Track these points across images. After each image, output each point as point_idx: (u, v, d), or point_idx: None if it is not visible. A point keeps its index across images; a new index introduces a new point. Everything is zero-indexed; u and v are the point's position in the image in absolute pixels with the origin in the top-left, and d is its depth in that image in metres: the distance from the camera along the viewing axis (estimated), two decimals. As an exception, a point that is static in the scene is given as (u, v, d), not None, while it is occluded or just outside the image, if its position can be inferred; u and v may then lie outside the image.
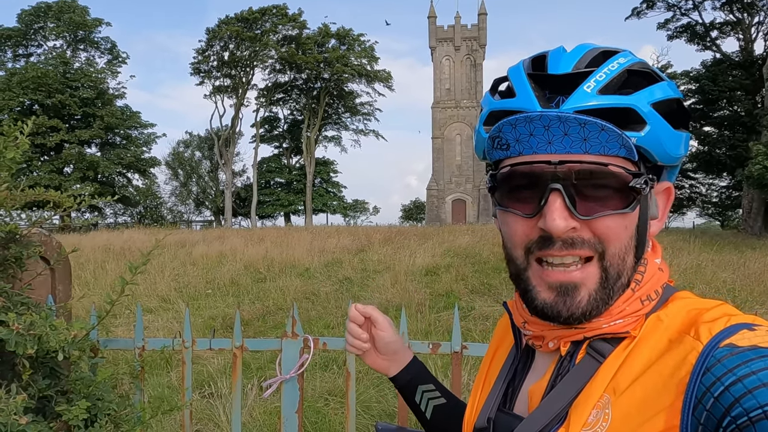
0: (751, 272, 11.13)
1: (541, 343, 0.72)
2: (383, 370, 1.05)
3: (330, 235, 20.49)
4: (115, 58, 45.20)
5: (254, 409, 4.50)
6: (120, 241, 18.79)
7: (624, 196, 0.63)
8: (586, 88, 0.63)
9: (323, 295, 10.61)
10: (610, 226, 0.63)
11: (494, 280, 11.37)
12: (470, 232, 20.75)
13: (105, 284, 11.03)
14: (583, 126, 0.61)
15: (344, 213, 57.62)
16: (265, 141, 55.18)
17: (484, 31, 50.00)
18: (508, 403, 0.76)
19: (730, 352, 0.54)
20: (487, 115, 0.71)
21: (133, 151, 44.02)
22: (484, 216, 46.97)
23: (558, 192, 0.62)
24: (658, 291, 0.68)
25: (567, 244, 0.63)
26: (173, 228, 34.02)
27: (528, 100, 0.65)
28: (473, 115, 49.68)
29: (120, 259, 14.31)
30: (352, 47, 49.93)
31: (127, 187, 45.86)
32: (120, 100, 45.14)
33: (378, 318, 1.04)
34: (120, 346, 2.51)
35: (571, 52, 0.67)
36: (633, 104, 0.62)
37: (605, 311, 0.65)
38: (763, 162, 21.47)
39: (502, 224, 0.71)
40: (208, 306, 10.03)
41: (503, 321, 0.91)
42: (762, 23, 33.87)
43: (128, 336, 7.37)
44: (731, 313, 0.60)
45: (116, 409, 2.04)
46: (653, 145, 0.64)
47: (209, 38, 46.93)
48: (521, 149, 0.64)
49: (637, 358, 0.62)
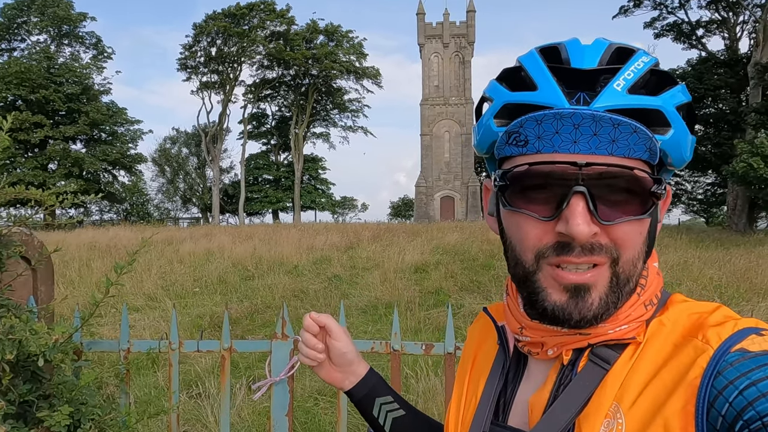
0: (737, 269, 11.25)
1: (539, 351, 0.68)
2: (338, 384, 0.98)
3: (318, 233, 20.42)
4: (101, 54, 44.64)
5: (243, 409, 4.45)
6: (106, 239, 18.58)
7: (643, 202, 0.61)
8: (616, 86, 0.59)
9: (312, 293, 10.56)
10: (627, 232, 0.61)
11: (483, 277, 11.39)
12: (459, 229, 20.77)
13: (90, 282, 10.89)
14: (616, 127, 0.58)
15: (333, 210, 57.59)
16: (252, 137, 54.89)
17: (472, 28, 50.00)
18: (501, 415, 0.72)
19: (743, 356, 0.54)
20: (500, 108, 0.65)
21: (119, 148, 43.54)
22: (473, 213, 47.08)
23: (581, 195, 0.58)
24: (658, 295, 0.67)
25: (586, 250, 0.60)
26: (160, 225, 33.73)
27: (554, 95, 0.60)
28: (462, 112, 49.72)
29: (106, 256, 14.14)
30: (340, 44, 49.76)
31: (112, 183, 45.38)
32: (106, 96, 44.59)
33: (333, 327, 0.96)
34: (105, 348, 2.45)
35: (592, 46, 0.63)
36: (661, 106, 0.60)
37: (612, 316, 0.63)
38: (748, 159, 21.71)
39: (510, 225, 0.66)
40: (196, 304, 9.94)
41: (478, 325, 0.87)
42: (747, 22, 34.24)
43: (114, 336, 7.29)
44: (734, 317, 0.60)
45: (101, 414, 1.98)
46: (673, 149, 0.62)
47: (196, 34, 46.53)
48: (541, 147, 0.60)
49: (644, 363, 0.60)
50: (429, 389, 4.47)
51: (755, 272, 10.72)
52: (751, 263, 11.87)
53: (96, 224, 36.30)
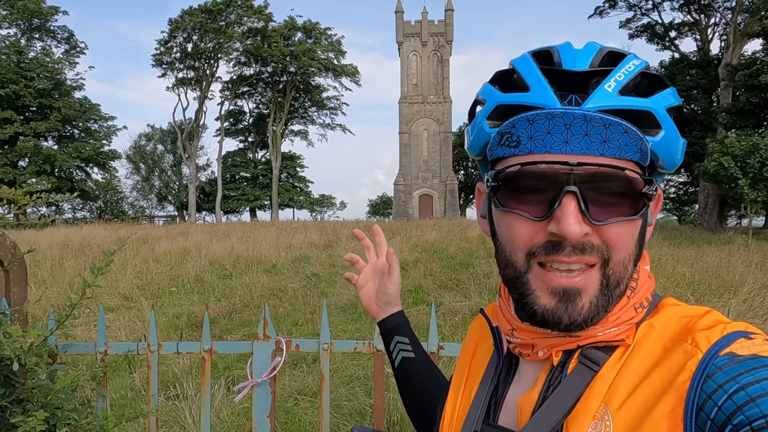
0: (708, 266, 11.49)
1: (529, 352, 0.69)
2: (373, 314, 1.17)
3: (297, 231, 20.31)
4: (73, 48, 43.70)
5: (222, 410, 4.40)
6: (79, 238, 18.21)
7: (634, 203, 0.61)
8: (607, 87, 0.60)
9: (291, 292, 10.50)
10: (619, 233, 0.61)
11: (462, 275, 11.45)
12: (437, 227, 20.85)
13: (63, 282, 10.65)
14: (607, 127, 0.58)
15: (311, 208, 57.36)
16: (230, 135, 54.34)
17: (450, 27, 50.18)
18: (492, 414, 0.73)
19: (732, 360, 0.54)
20: (492, 109, 0.66)
21: (92, 145, 42.73)
22: (451, 211, 47.32)
23: (573, 195, 0.59)
24: (649, 298, 0.68)
25: (577, 250, 0.60)
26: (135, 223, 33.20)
27: (546, 95, 0.61)
28: (440, 110, 49.88)
29: (79, 256, 13.86)
30: (318, 41, 49.53)
31: (86, 181, 44.53)
32: (78, 91, 43.73)
33: (395, 270, 1.17)
34: (81, 351, 2.39)
35: (584, 49, 0.64)
36: (652, 107, 0.61)
37: (602, 319, 0.63)
38: (719, 158, 22.22)
39: (502, 226, 0.66)
40: (173, 304, 9.80)
41: (477, 324, 0.88)
42: (718, 24, 35.01)
43: (89, 337, 7.14)
44: (724, 320, 0.60)
45: (77, 419, 1.94)
46: (664, 151, 0.63)
47: (172, 29, 45.85)
48: (533, 147, 0.61)
49: (633, 366, 0.60)
50: (410, 388, 4.47)
51: (726, 269, 10.96)
52: (722, 260, 12.14)
53: (69, 222, 35.59)
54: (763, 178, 21.94)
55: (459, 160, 58.10)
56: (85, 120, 42.99)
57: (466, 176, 60.16)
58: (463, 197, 59.36)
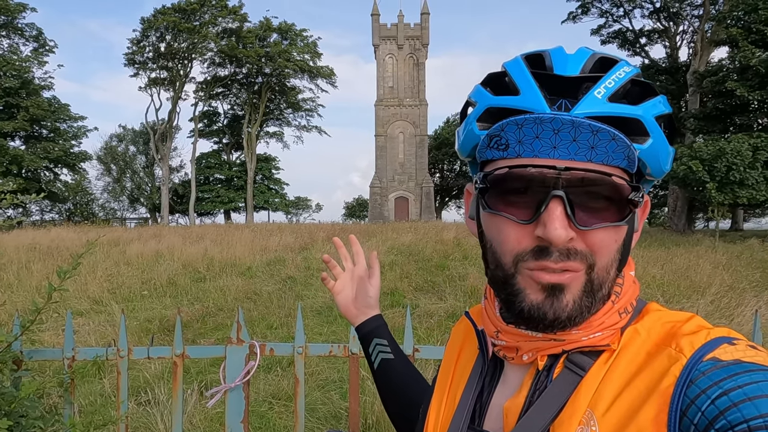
0: (677, 267, 11.76)
1: (513, 356, 0.68)
2: (351, 318, 1.19)
3: (272, 233, 20.15)
4: (42, 47, 42.59)
5: (194, 415, 4.33)
6: (47, 240, 17.78)
7: (620, 209, 0.62)
8: (597, 93, 0.60)
9: (265, 295, 10.40)
10: (603, 239, 0.62)
11: (438, 277, 11.49)
12: (413, 230, 20.91)
13: (30, 286, 10.38)
14: (595, 133, 0.58)
15: (286, 210, 56.93)
16: (204, 136, 53.69)
17: (426, 30, 50.43)
18: (477, 419, 0.72)
19: (715, 365, 0.55)
20: (483, 111, 0.66)
21: (61, 145, 41.74)
22: (427, 214, 47.50)
23: (559, 199, 0.59)
24: (633, 304, 0.68)
25: (563, 255, 0.60)
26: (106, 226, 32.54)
27: (536, 100, 0.61)
28: (416, 113, 50.06)
29: (47, 259, 13.52)
30: (294, 42, 49.27)
31: (54, 182, 43.49)
32: (47, 90, 42.65)
33: (376, 273, 1.22)
34: (47, 357, 2.32)
35: (576, 55, 0.64)
36: (640, 115, 0.61)
37: (585, 323, 0.64)
38: (687, 162, 22.75)
39: (490, 228, 0.66)
40: (144, 308, 9.62)
41: (461, 327, 0.87)
42: (686, 32, 35.91)
43: (56, 342, 6.96)
44: (707, 326, 0.61)
45: (42, 427, 1.89)
46: (651, 159, 0.63)
47: (144, 28, 45.07)
48: (521, 151, 0.61)
49: (618, 371, 0.61)
50: (385, 390, 4.46)
51: (695, 270, 11.24)
52: (691, 262, 12.44)
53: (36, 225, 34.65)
54: (729, 182, 22.55)
55: (435, 162, 58.42)
56: (54, 120, 41.97)
57: (442, 179, 60.50)
58: (438, 200, 59.69)
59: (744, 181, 22.55)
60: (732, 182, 22.52)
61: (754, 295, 8.93)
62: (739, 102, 27.19)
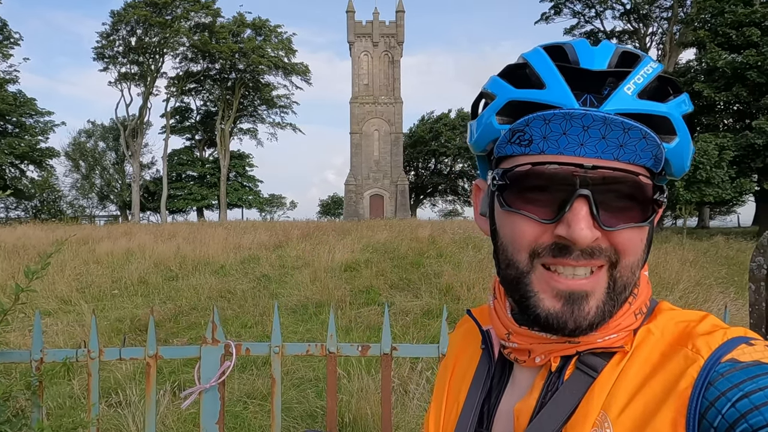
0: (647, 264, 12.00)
1: (526, 358, 0.67)
2: None
3: (246, 231, 19.94)
4: (7, 39, 41.44)
5: (167, 416, 4.25)
6: (12, 238, 17.28)
7: (645, 209, 0.60)
8: (626, 90, 0.58)
9: (240, 293, 10.28)
10: (630, 239, 0.60)
11: (413, 275, 11.52)
12: (388, 228, 20.92)
13: (-5, 286, 10.07)
14: (626, 131, 0.56)
15: (260, 208, 56.55)
16: (175, 132, 52.88)
17: (402, 28, 50.48)
18: (485, 422, 0.70)
19: (734, 367, 0.54)
20: (503, 105, 0.63)
21: (27, 141, 40.72)
22: (402, 211, 47.62)
23: (585, 199, 0.57)
24: (647, 304, 0.67)
25: (586, 254, 0.58)
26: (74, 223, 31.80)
27: (564, 94, 0.58)
28: (391, 111, 50.10)
29: (12, 257, 13.13)
30: (268, 38, 48.85)
31: (20, 179, 42.37)
32: (12, 84, 41.51)
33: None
34: (14, 360, 2.25)
35: (601, 48, 0.62)
36: (669, 113, 0.59)
37: (604, 325, 0.62)
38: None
39: (505, 226, 0.64)
40: (115, 307, 9.42)
41: (461, 330, 0.85)
42: (656, 33, 36.71)
43: (23, 343, 6.78)
44: (722, 325, 0.59)
45: (9, 430, 1.83)
46: (676, 158, 0.62)
47: (114, 22, 44.19)
48: (545, 147, 0.58)
49: (632, 372, 0.59)
50: (362, 388, 4.45)
51: (663, 267, 11.47)
52: (660, 259, 12.69)
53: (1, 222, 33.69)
54: (696, 181, 23.15)
55: (410, 160, 58.58)
56: (20, 115, 40.88)
57: (417, 177, 60.70)
58: (413, 197, 59.87)
59: (710, 179, 23.18)
60: (699, 181, 23.12)
61: (721, 291, 9.17)
62: (705, 103, 27.92)
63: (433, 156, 58.74)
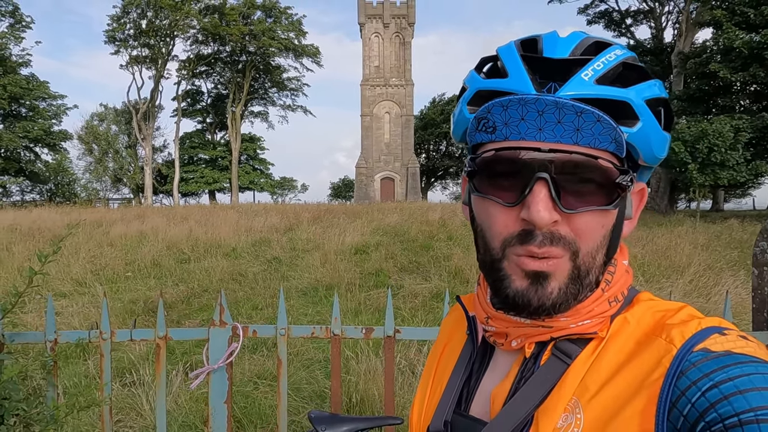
0: (658, 247, 11.92)
1: (503, 341, 0.69)
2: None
3: (257, 214, 20.06)
4: (18, 22, 41.55)
5: (179, 395, 4.36)
6: (28, 221, 17.55)
7: (608, 193, 0.61)
8: (584, 76, 0.60)
9: (251, 276, 10.40)
10: (587, 222, 0.61)
11: (423, 258, 11.56)
12: (399, 211, 20.92)
13: (12, 268, 10.26)
14: (579, 115, 0.58)
15: (272, 191, 56.65)
16: (187, 115, 52.99)
17: (413, 9, 49.89)
18: (463, 404, 0.72)
19: (705, 356, 0.54)
20: (473, 95, 0.66)
21: (41, 124, 41.04)
22: (412, 194, 47.50)
23: (544, 181, 0.59)
24: (624, 293, 0.68)
25: (547, 239, 0.60)
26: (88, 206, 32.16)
27: (522, 81, 0.61)
28: (402, 93, 49.76)
29: (28, 240, 13.37)
30: (278, 20, 48.50)
31: (34, 162, 42.80)
32: (25, 68, 41.77)
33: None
34: (29, 340, 2.33)
35: (567, 38, 0.64)
36: (628, 98, 0.60)
37: (573, 310, 0.64)
38: (670, 144, 22.92)
39: (479, 212, 0.67)
40: (128, 289, 9.58)
41: (452, 317, 0.88)
42: (671, 12, 35.96)
43: (40, 324, 6.93)
44: (698, 316, 0.61)
45: (26, 409, 1.90)
46: (642, 144, 0.63)
47: (125, 4, 44.06)
48: (508, 134, 0.61)
49: (606, 359, 0.61)
50: (370, 370, 4.52)
51: (675, 250, 11.40)
52: (672, 242, 12.62)
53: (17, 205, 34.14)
54: (710, 163, 22.83)
55: (420, 143, 58.30)
56: (33, 98, 41.16)
57: (428, 159, 60.46)
58: (424, 180, 59.70)
59: (725, 162, 22.84)
60: (713, 163, 22.79)
61: (731, 275, 9.12)
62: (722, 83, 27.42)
63: (444, 138, 58.44)
